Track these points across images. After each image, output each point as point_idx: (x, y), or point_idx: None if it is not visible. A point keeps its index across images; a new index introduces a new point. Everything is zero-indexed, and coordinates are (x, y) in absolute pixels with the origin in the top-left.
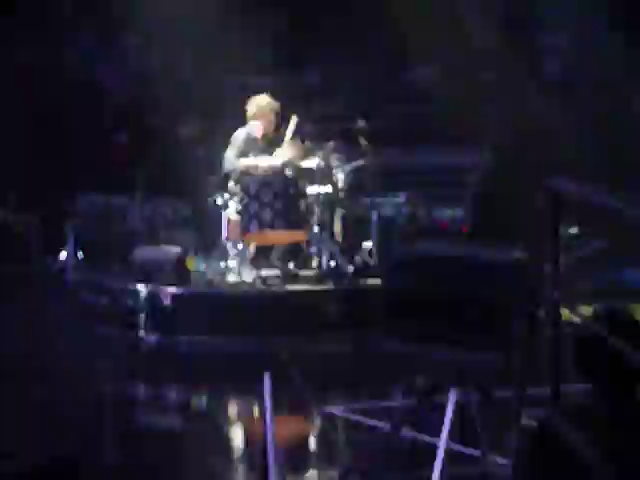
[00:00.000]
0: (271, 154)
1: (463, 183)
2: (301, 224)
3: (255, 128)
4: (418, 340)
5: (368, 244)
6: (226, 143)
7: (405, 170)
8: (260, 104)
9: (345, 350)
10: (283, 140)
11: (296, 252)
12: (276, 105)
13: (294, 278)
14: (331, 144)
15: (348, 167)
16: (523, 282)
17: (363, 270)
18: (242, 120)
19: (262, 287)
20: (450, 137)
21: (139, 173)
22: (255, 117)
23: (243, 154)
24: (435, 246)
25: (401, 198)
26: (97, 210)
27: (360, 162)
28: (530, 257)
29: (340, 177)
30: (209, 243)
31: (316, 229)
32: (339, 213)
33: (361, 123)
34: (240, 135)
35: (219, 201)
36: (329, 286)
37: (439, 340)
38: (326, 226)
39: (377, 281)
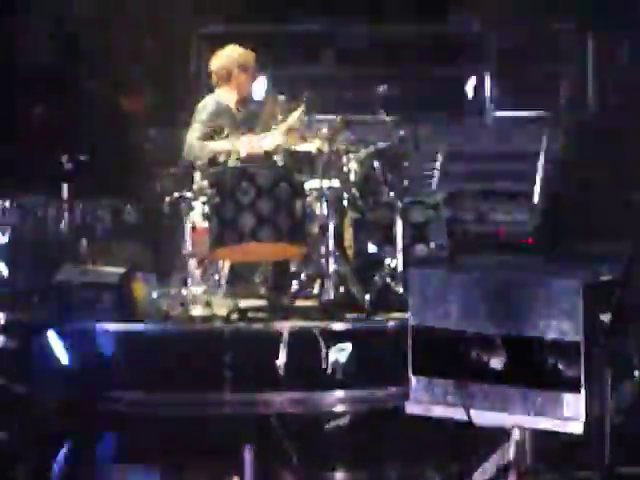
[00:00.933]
0: (252, 129)
1: (527, 176)
2: (297, 234)
3: (226, 94)
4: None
5: (392, 262)
6: (188, 121)
7: (446, 157)
8: (229, 59)
9: (360, 413)
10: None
11: (289, 274)
12: (251, 57)
13: (286, 311)
14: (339, 119)
15: (364, 152)
16: None
17: (385, 299)
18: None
19: (240, 323)
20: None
21: (64, 163)
22: (224, 78)
23: (212, 134)
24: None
25: (438, 196)
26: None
27: (381, 145)
28: None
29: (353, 167)
30: (165, 261)
31: (318, 241)
32: (351, 218)
33: (382, 89)
34: (206, 107)
35: (180, 201)
36: (336, 323)
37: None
38: (332, 236)
39: (405, 315)
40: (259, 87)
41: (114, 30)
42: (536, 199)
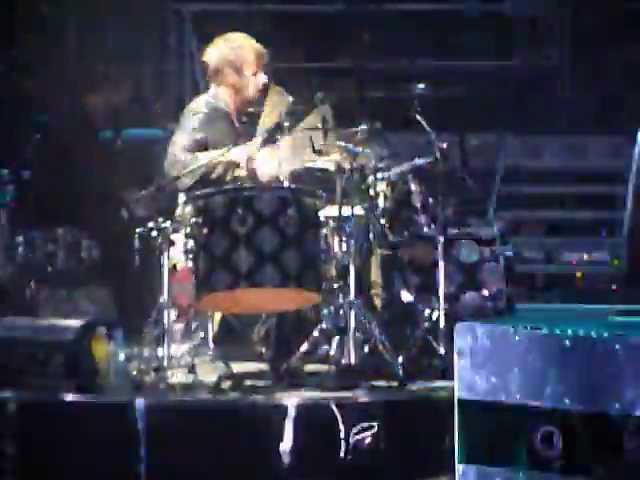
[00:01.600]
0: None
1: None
2: (308, 277)
3: (224, 95)
4: None
5: (432, 314)
6: (171, 127)
7: (505, 177)
8: (231, 50)
9: None
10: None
11: (298, 329)
12: (260, 50)
13: (293, 378)
14: (364, 128)
15: (396, 171)
16: None
17: (423, 363)
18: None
19: (234, 394)
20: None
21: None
22: (222, 75)
23: (202, 144)
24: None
25: (495, 228)
26: None
27: (419, 161)
28: None
29: (382, 189)
30: (135, 312)
31: (336, 286)
32: (378, 256)
33: (420, 88)
34: (197, 108)
35: (155, 234)
36: (359, 394)
37: None
38: (355, 280)
39: (450, 385)
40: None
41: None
42: (623, 232)
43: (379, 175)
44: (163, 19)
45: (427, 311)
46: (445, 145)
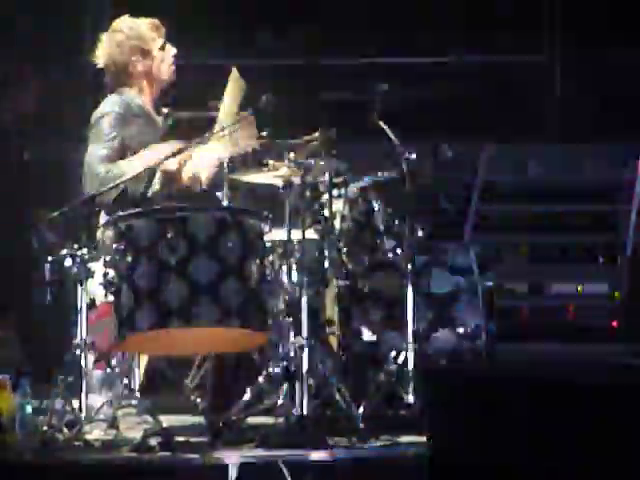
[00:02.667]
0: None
1: (610, 223)
2: (251, 312)
3: (133, 88)
4: None
5: (399, 356)
6: (82, 135)
7: (483, 194)
8: (128, 36)
9: None
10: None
11: (239, 375)
12: (155, 22)
13: (234, 433)
14: (318, 136)
15: (357, 186)
16: None
17: (387, 414)
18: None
19: (163, 453)
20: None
21: None
22: (131, 68)
23: (122, 150)
24: None
25: (472, 254)
26: None
27: (383, 176)
28: None
29: (339, 209)
30: (45, 356)
31: (285, 324)
32: (335, 287)
33: (384, 90)
34: (106, 109)
35: (69, 263)
36: (313, 451)
37: None
38: (307, 316)
39: (419, 440)
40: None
41: None
42: (625, 258)
43: (335, 192)
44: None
45: (392, 352)
46: (414, 156)
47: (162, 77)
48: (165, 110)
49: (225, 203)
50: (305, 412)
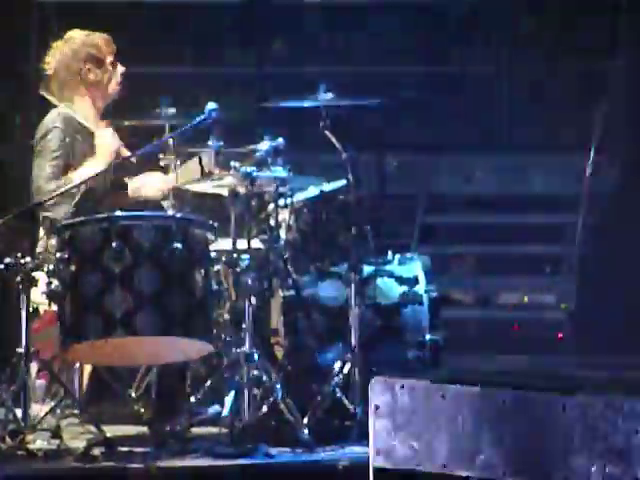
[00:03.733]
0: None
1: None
2: (196, 322)
3: (79, 104)
4: None
5: (344, 367)
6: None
7: (430, 204)
8: (84, 45)
9: None
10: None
11: (183, 385)
12: (109, 38)
13: (179, 443)
14: (263, 145)
15: (303, 196)
16: None
17: (332, 424)
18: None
19: (107, 463)
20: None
21: None
22: (69, 84)
23: (67, 166)
24: None
25: (418, 264)
26: None
27: (329, 186)
28: None
29: (284, 218)
30: None
31: (230, 334)
32: (280, 297)
33: (329, 99)
34: (49, 124)
35: (13, 271)
36: (257, 461)
37: None
38: (252, 327)
39: (364, 451)
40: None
41: None
42: (572, 269)
43: (281, 202)
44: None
45: (338, 363)
46: (359, 166)
47: (109, 92)
48: (103, 124)
49: (171, 212)
50: (249, 423)
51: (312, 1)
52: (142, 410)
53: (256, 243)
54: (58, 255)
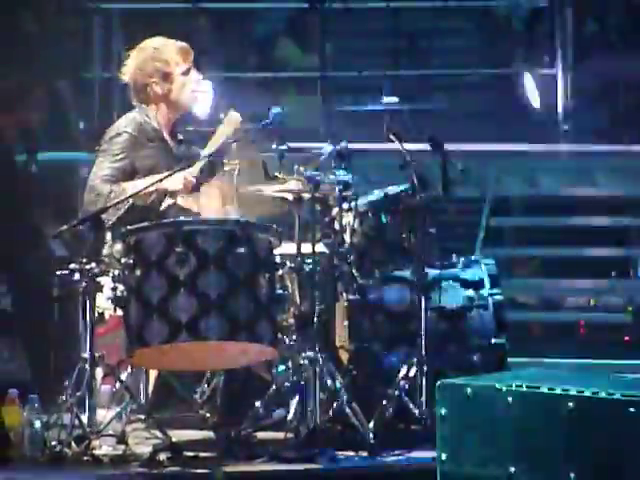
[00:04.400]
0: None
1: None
2: (261, 327)
3: (153, 112)
4: None
5: (410, 371)
6: (94, 149)
7: (495, 205)
8: (152, 57)
9: None
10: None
11: (249, 390)
12: (184, 46)
13: (244, 448)
14: (328, 149)
15: (367, 200)
16: None
17: (399, 429)
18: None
19: (173, 468)
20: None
21: None
22: (149, 89)
23: (128, 172)
24: None
25: (483, 268)
26: None
27: (393, 189)
28: None
29: (349, 222)
30: (53, 371)
31: (295, 338)
32: (345, 302)
33: (394, 102)
34: (120, 129)
35: (78, 277)
36: (326, 469)
37: None
38: (317, 331)
39: (432, 455)
40: (205, 100)
41: None
42: (636, 272)
43: (345, 206)
44: (85, 20)
45: (404, 367)
46: (423, 170)
47: (181, 102)
48: (180, 136)
49: (235, 217)
50: (315, 427)
51: (375, 5)
52: (208, 415)
53: (320, 247)
54: (123, 260)
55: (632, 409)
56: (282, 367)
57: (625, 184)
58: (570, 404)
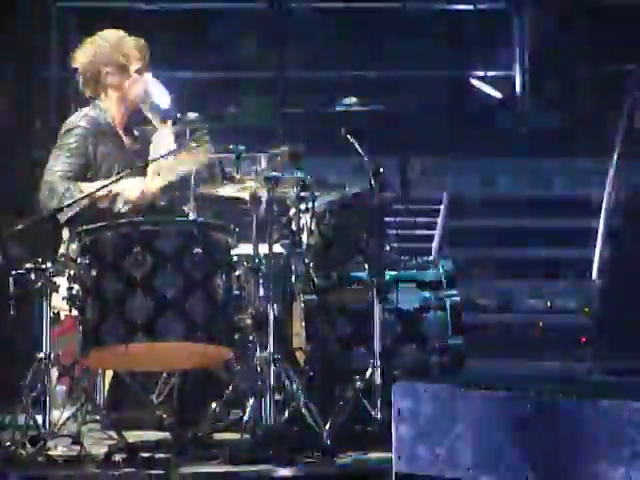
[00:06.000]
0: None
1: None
2: (218, 327)
3: (108, 108)
4: None
5: (367, 371)
6: (47, 147)
7: (452, 207)
8: (111, 47)
9: None
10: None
11: (205, 391)
12: (144, 44)
13: (200, 449)
14: (285, 150)
15: (324, 200)
16: None
17: (355, 430)
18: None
19: (128, 469)
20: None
21: None
22: (103, 79)
23: (85, 168)
24: None
25: (440, 269)
26: None
27: (351, 190)
28: None
29: (306, 223)
30: (8, 371)
31: (252, 339)
32: (302, 302)
33: (351, 103)
34: (74, 124)
35: (34, 277)
36: (279, 468)
37: None
38: (274, 331)
39: (387, 456)
40: (160, 100)
41: None
42: (594, 274)
43: (302, 206)
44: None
45: (360, 368)
46: (381, 170)
47: (131, 98)
48: (136, 132)
49: (192, 217)
50: (271, 428)
51: (334, 6)
52: (164, 416)
53: (278, 248)
54: (79, 260)
55: (589, 410)
56: (239, 368)
57: (581, 185)
58: (527, 405)
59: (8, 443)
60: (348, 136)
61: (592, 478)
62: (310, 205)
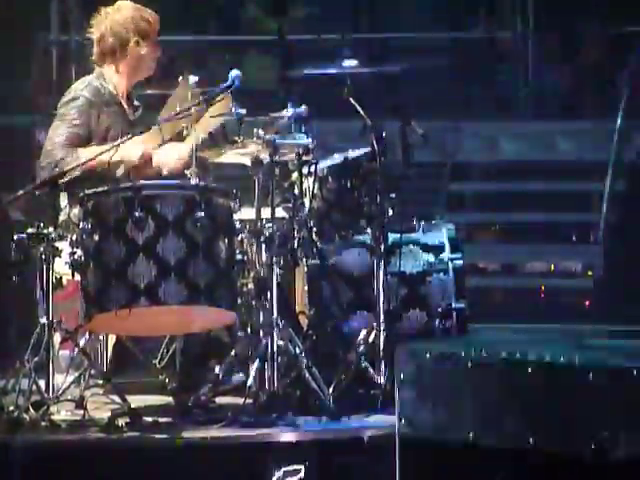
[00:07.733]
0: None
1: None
2: (220, 292)
3: (112, 77)
4: None
5: (369, 336)
6: (50, 113)
7: (455, 171)
8: (132, 18)
9: None
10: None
11: (207, 355)
12: (157, 18)
13: (203, 412)
14: (287, 113)
15: (327, 164)
16: None
17: (358, 394)
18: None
19: (131, 433)
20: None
21: None
22: (110, 53)
23: (85, 136)
24: None
25: (444, 232)
26: None
27: (353, 153)
28: None
29: (309, 187)
30: (10, 336)
31: (255, 303)
32: (305, 266)
33: (353, 66)
34: (79, 94)
35: (36, 242)
36: (283, 431)
37: None
38: (277, 295)
39: (390, 419)
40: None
41: None
42: (598, 237)
43: (305, 170)
44: None
45: (363, 332)
46: (384, 134)
47: (146, 68)
48: (137, 102)
49: (194, 181)
50: (274, 392)
51: None
52: (166, 380)
53: (280, 212)
54: (81, 225)
55: (591, 376)
56: (242, 332)
57: (587, 149)
58: (529, 369)
59: (11, 408)
60: (350, 99)
61: (596, 442)
62: (312, 169)
